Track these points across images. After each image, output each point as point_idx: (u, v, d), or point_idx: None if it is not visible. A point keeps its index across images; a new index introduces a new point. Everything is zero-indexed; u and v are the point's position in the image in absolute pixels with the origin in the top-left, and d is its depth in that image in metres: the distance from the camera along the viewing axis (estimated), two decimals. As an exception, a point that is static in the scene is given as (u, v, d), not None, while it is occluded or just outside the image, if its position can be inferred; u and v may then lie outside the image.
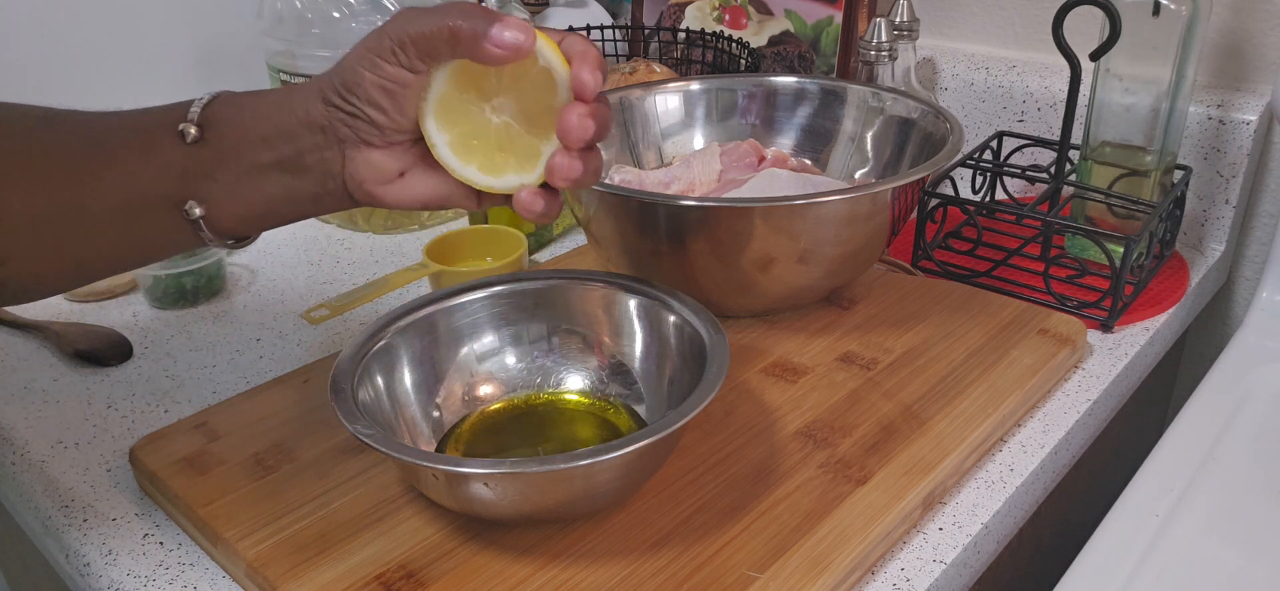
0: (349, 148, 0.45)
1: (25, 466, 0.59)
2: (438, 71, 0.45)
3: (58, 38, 0.91)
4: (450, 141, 0.45)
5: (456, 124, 0.45)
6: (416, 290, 0.75)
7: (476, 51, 0.43)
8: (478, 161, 0.46)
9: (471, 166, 0.46)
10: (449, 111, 0.45)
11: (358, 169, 0.46)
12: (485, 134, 0.46)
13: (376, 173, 0.46)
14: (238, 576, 0.49)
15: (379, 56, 0.43)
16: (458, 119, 0.45)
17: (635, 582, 0.46)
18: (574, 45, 0.45)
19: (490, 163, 0.46)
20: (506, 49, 0.43)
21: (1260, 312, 0.78)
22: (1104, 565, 0.54)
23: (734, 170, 0.77)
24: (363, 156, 0.46)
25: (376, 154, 0.46)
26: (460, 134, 0.46)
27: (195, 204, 0.45)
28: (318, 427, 0.58)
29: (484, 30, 0.42)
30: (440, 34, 0.43)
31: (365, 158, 0.46)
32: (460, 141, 0.46)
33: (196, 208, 0.46)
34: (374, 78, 0.44)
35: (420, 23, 0.43)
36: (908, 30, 0.88)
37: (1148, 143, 0.75)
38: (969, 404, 0.58)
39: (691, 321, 0.55)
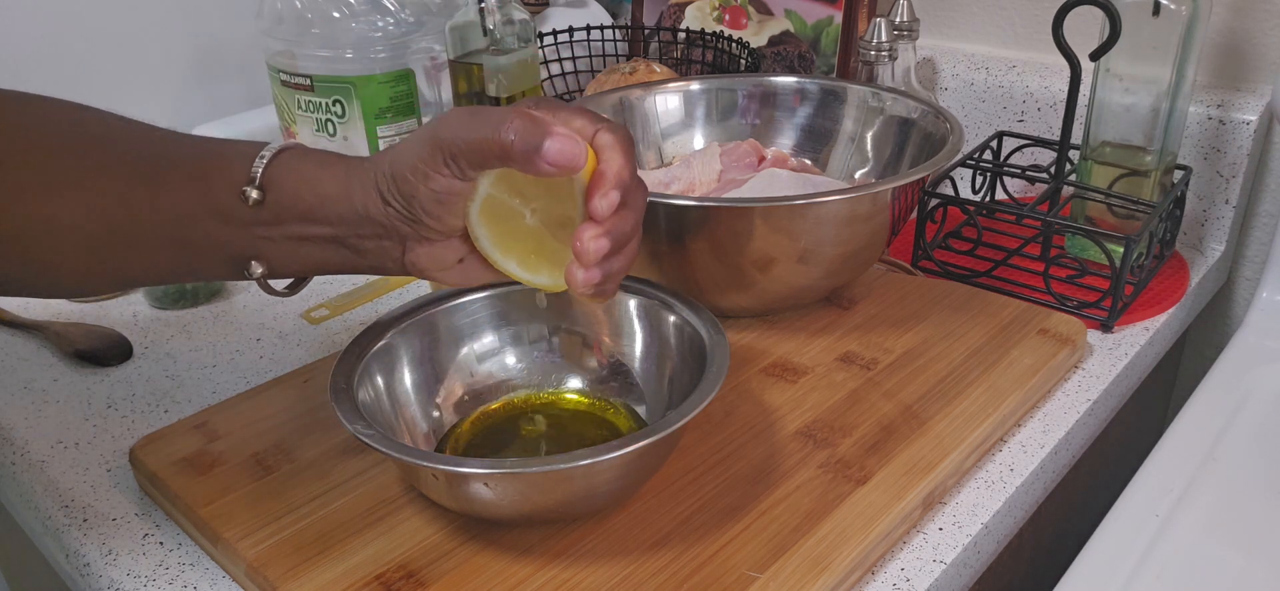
0: (409, 241, 0.46)
1: (25, 466, 0.59)
2: (484, 176, 0.45)
3: (58, 37, 0.91)
4: (491, 238, 0.46)
5: (498, 222, 0.46)
6: (416, 290, 0.75)
7: (528, 168, 0.43)
8: (516, 259, 0.47)
9: (511, 262, 0.47)
10: (491, 212, 0.46)
11: (418, 260, 0.47)
12: (522, 236, 0.47)
13: (437, 263, 0.47)
14: (238, 576, 0.49)
15: (431, 169, 0.43)
16: (499, 218, 0.46)
17: (635, 582, 0.46)
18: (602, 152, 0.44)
19: (526, 262, 0.47)
20: (557, 166, 0.42)
21: (1260, 312, 0.78)
22: (1104, 565, 0.54)
23: (734, 170, 0.77)
24: (423, 249, 0.47)
25: (436, 249, 0.47)
26: (501, 232, 0.47)
27: (257, 263, 0.46)
28: (318, 427, 0.58)
29: (536, 146, 0.42)
30: (492, 148, 0.42)
31: (425, 250, 0.47)
32: (500, 239, 0.47)
33: (258, 267, 0.46)
34: (426, 191, 0.44)
35: (472, 132, 0.43)
36: (908, 30, 0.88)
37: (1148, 143, 0.75)
38: (969, 404, 0.58)
39: (691, 321, 0.55)
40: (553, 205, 0.46)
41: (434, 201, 0.44)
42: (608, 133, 0.45)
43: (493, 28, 0.76)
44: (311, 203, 0.45)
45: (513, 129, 0.42)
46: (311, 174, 0.45)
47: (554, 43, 1.01)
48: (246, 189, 0.44)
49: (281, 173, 0.45)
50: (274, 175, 0.45)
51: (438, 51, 0.89)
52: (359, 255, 0.47)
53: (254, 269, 0.46)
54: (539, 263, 0.47)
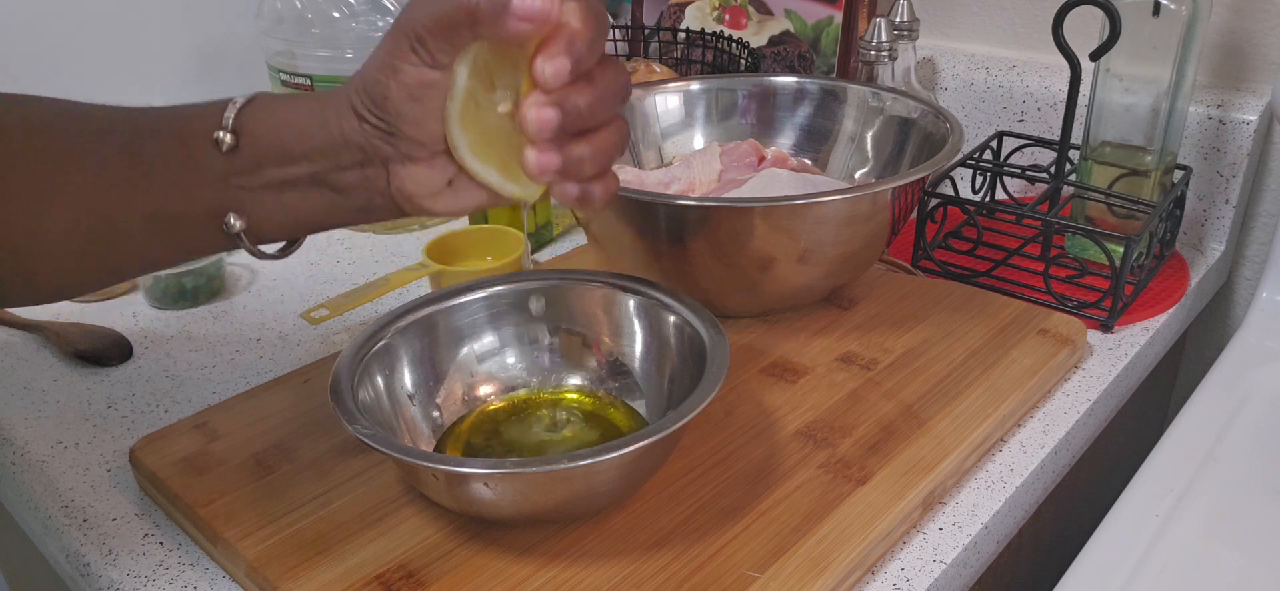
0: (392, 164, 0.44)
1: (25, 466, 0.59)
2: (460, 64, 0.41)
3: (58, 37, 0.91)
4: (469, 144, 0.42)
5: (474, 125, 0.42)
6: (416, 290, 0.75)
7: (499, 27, 0.39)
8: (495, 165, 0.43)
9: (490, 169, 0.43)
10: (468, 112, 0.42)
11: (404, 184, 0.44)
12: (497, 135, 0.43)
13: (423, 187, 0.44)
14: (238, 576, 0.49)
15: (398, 59, 0.41)
16: (475, 119, 0.42)
17: (635, 582, 0.46)
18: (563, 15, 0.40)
19: (506, 168, 0.43)
20: (528, 17, 0.39)
21: (1260, 312, 0.78)
22: (1104, 565, 0.54)
23: (734, 170, 0.77)
24: (408, 172, 0.44)
25: (421, 169, 0.44)
26: (479, 135, 0.43)
27: (235, 217, 0.44)
28: (318, 427, 0.58)
29: (504, 2, 0.39)
30: (459, 17, 0.39)
31: (410, 173, 0.44)
32: (478, 144, 0.43)
33: (237, 221, 0.44)
34: (398, 86, 0.41)
35: (435, 6, 0.40)
36: (908, 30, 0.88)
37: (1148, 143, 0.75)
38: (969, 404, 0.58)
39: (691, 321, 0.55)
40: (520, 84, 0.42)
41: (407, 98, 0.41)
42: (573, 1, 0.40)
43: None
44: (287, 138, 0.43)
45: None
46: (283, 112, 0.44)
47: (554, 43, 1.01)
48: (219, 134, 0.42)
49: (255, 115, 0.43)
50: (246, 120, 0.43)
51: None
52: (342, 194, 0.44)
53: (233, 223, 0.44)
54: (516, 168, 0.43)
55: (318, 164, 0.43)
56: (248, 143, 0.43)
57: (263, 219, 0.45)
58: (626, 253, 0.67)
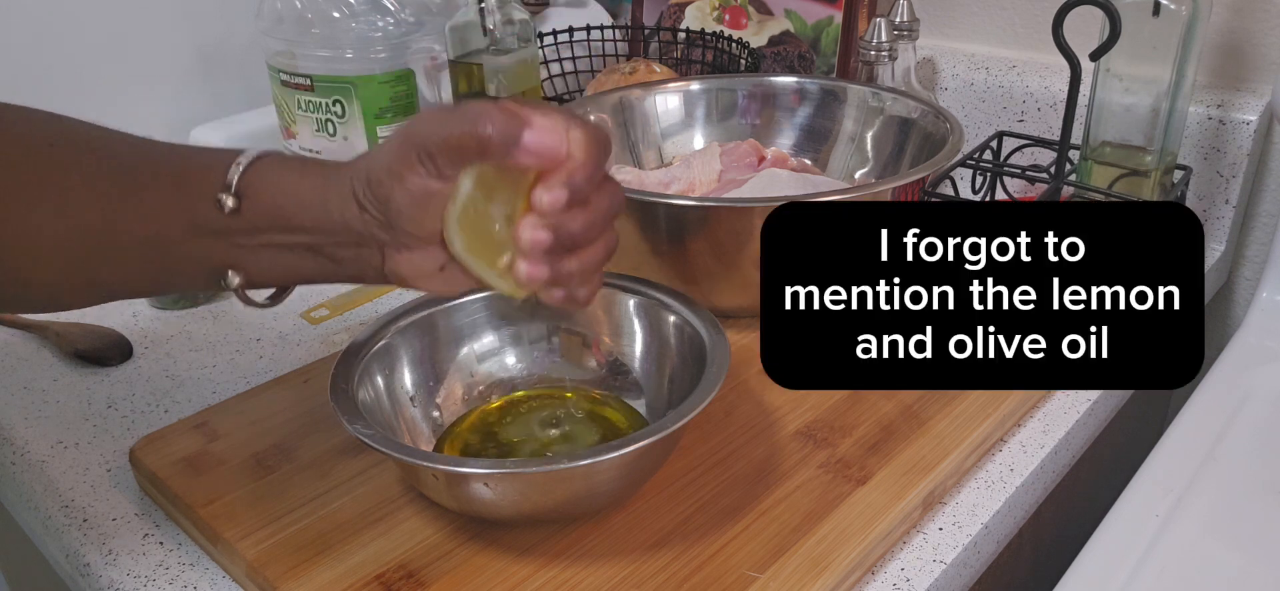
0: (388, 249, 0.45)
1: (25, 466, 0.59)
2: (465, 177, 0.43)
3: (58, 38, 0.91)
4: (465, 244, 0.44)
5: (470, 228, 0.44)
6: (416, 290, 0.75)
7: (506, 159, 0.41)
8: (489, 262, 0.45)
9: (484, 267, 0.45)
10: (466, 217, 0.44)
11: (398, 266, 0.45)
12: (498, 240, 0.44)
13: (417, 270, 0.45)
14: (238, 576, 0.49)
15: (406, 170, 0.42)
16: (472, 224, 0.44)
17: (635, 582, 0.46)
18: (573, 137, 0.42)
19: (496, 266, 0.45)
20: (537, 155, 0.41)
21: (1260, 312, 0.78)
22: (1104, 565, 0.54)
23: (734, 170, 0.77)
24: (402, 257, 0.45)
25: (416, 255, 0.45)
26: (475, 237, 0.44)
27: (233, 273, 0.45)
28: (318, 427, 0.58)
29: (515, 137, 0.41)
30: (469, 143, 0.41)
31: (405, 258, 0.45)
32: (474, 244, 0.45)
33: (235, 277, 0.45)
34: (402, 192, 0.42)
35: (447, 128, 0.41)
36: (908, 30, 0.88)
37: (1148, 143, 0.75)
38: (969, 404, 0.58)
39: (691, 321, 0.55)
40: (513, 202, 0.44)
41: (411, 203, 0.43)
42: (578, 129, 0.42)
43: (493, 28, 0.76)
44: (289, 210, 0.44)
45: (490, 121, 0.40)
46: (288, 182, 0.44)
47: (554, 43, 1.01)
48: (222, 196, 0.43)
49: (258, 180, 0.44)
50: (250, 182, 0.44)
51: (438, 51, 0.89)
52: (337, 264, 0.46)
53: (231, 279, 0.45)
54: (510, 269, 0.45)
55: (315, 238, 0.45)
56: (250, 207, 0.44)
57: (259, 274, 0.46)
58: (626, 253, 0.67)
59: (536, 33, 0.91)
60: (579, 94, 0.99)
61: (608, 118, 0.81)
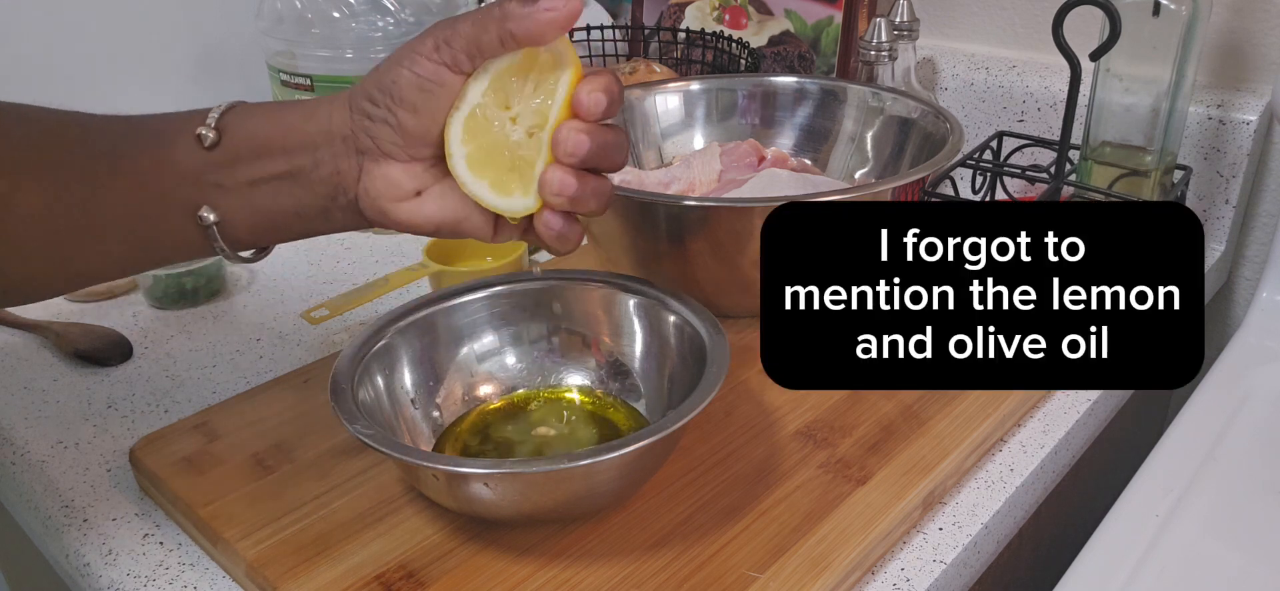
0: (367, 159, 0.45)
1: (25, 466, 0.59)
2: (475, 82, 0.44)
3: (59, 38, 0.91)
4: (468, 155, 0.44)
5: (477, 137, 0.44)
6: (416, 290, 0.75)
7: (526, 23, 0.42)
8: (489, 178, 0.45)
9: (483, 183, 0.45)
10: (475, 124, 0.44)
11: (373, 182, 0.45)
12: (501, 151, 0.45)
13: (391, 188, 0.45)
14: (238, 576, 0.49)
15: (419, 52, 0.43)
16: (480, 133, 0.44)
17: (635, 582, 0.46)
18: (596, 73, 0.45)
19: (500, 181, 0.45)
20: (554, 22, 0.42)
21: (1260, 312, 0.78)
22: (1104, 565, 0.54)
23: (734, 170, 0.77)
24: (380, 170, 0.45)
25: (394, 168, 0.45)
26: (479, 147, 0.44)
27: (208, 210, 0.45)
28: (318, 427, 0.58)
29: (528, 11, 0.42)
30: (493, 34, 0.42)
31: (382, 171, 0.45)
32: (477, 156, 0.45)
33: (210, 213, 0.45)
34: (412, 74, 0.43)
35: (471, 21, 0.43)
36: (908, 30, 0.88)
37: (1148, 143, 0.75)
38: (969, 404, 0.58)
39: (691, 321, 0.55)
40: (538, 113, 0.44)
41: (416, 88, 0.43)
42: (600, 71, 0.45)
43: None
44: (269, 130, 0.45)
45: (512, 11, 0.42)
46: (269, 109, 0.46)
47: (554, 43, 1.01)
48: (202, 130, 0.44)
49: (238, 116, 0.45)
50: (230, 119, 0.45)
51: (438, 51, 0.89)
52: (312, 189, 0.46)
53: (206, 216, 0.45)
54: (511, 184, 0.45)
55: (295, 158, 0.45)
56: (229, 141, 0.45)
57: (234, 210, 0.46)
58: (626, 253, 0.67)
59: (536, 33, 0.91)
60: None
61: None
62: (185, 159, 0.44)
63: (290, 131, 0.45)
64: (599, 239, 0.70)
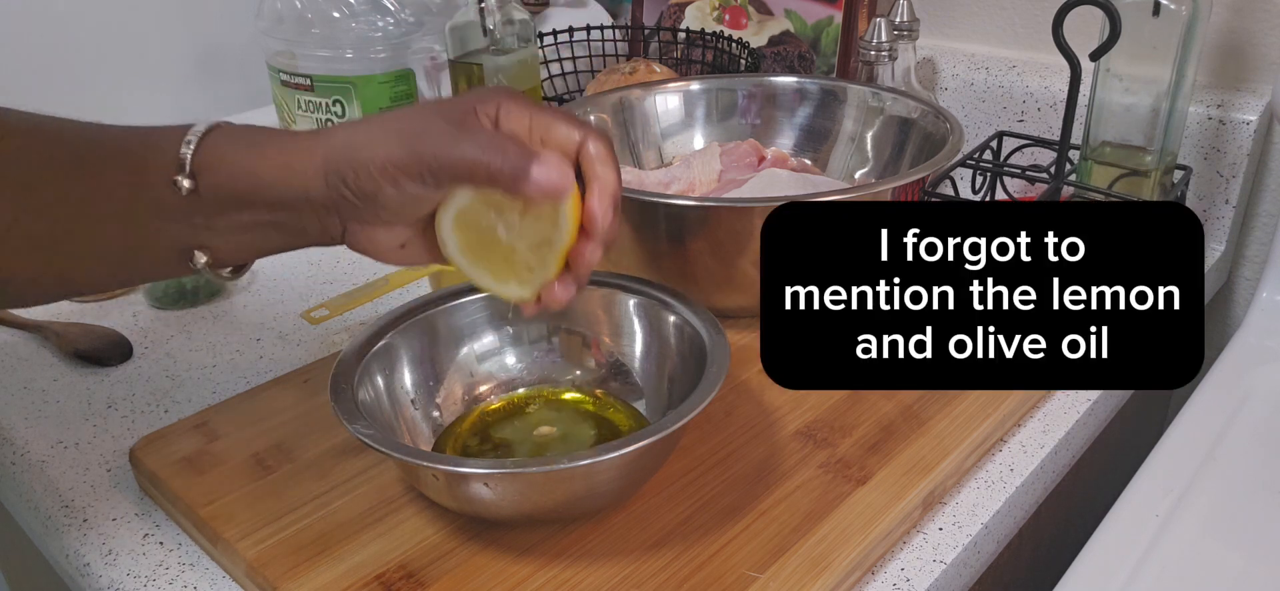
0: (350, 221, 0.45)
1: (25, 466, 0.59)
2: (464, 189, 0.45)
3: (59, 38, 0.91)
4: (461, 245, 0.46)
5: (470, 231, 0.46)
6: (416, 290, 0.75)
7: (513, 192, 0.43)
8: (487, 268, 0.47)
9: (480, 271, 0.47)
10: (465, 219, 0.46)
11: (358, 240, 0.46)
12: (494, 246, 0.46)
13: (376, 245, 0.47)
14: (238, 576, 0.49)
15: (404, 177, 0.42)
16: (472, 227, 0.46)
17: (635, 582, 0.46)
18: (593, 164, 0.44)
19: (497, 271, 0.47)
20: (543, 192, 0.43)
21: (1260, 313, 0.78)
22: (1104, 565, 0.54)
23: (734, 170, 0.77)
24: (365, 232, 0.46)
25: (379, 232, 0.46)
26: (472, 241, 0.46)
27: (201, 254, 0.45)
28: (318, 427, 0.58)
29: (522, 173, 0.42)
30: (477, 170, 0.42)
31: (367, 233, 0.46)
32: (471, 248, 0.46)
33: (203, 256, 0.45)
34: (394, 194, 0.43)
35: (457, 151, 0.42)
36: (908, 30, 0.88)
37: (1148, 143, 0.75)
38: (969, 404, 0.58)
39: (691, 321, 0.55)
40: (532, 227, 0.46)
41: (400, 204, 0.43)
42: (596, 143, 0.44)
43: (493, 28, 0.76)
44: (247, 189, 0.44)
45: (501, 155, 0.42)
46: (244, 160, 0.44)
47: (554, 43, 1.01)
48: (177, 178, 0.43)
49: (213, 157, 0.43)
50: (205, 161, 0.43)
51: (438, 51, 0.89)
52: (299, 235, 0.46)
53: (199, 260, 0.45)
54: (508, 274, 0.47)
55: (277, 214, 0.45)
56: (206, 186, 0.43)
57: (224, 251, 0.46)
58: (626, 253, 0.67)
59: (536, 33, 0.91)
60: (579, 94, 0.99)
61: (608, 118, 0.81)
62: (162, 197, 0.43)
63: (266, 190, 0.44)
64: (599, 239, 0.70)
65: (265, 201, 0.44)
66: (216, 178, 0.43)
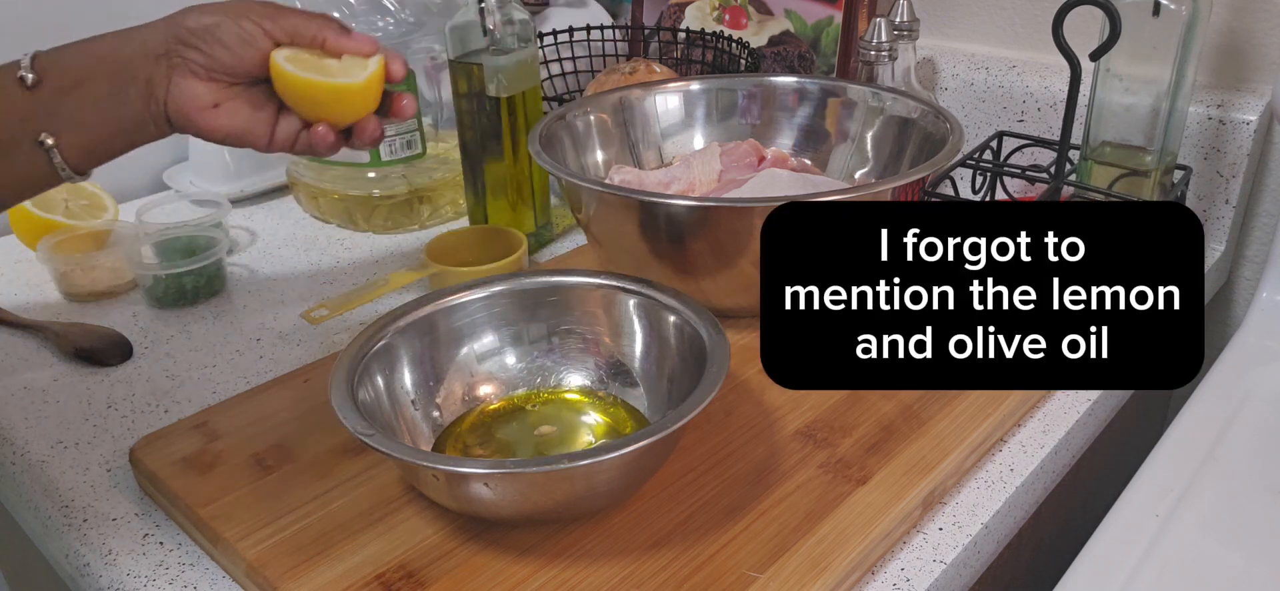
0: (175, 73, 0.54)
1: (25, 467, 0.59)
2: None
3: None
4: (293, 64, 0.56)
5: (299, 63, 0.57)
6: (416, 290, 0.75)
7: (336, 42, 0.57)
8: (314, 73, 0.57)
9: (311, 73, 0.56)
10: (294, 58, 0.57)
11: (180, 92, 0.55)
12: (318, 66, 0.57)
13: (194, 99, 0.55)
14: (238, 576, 0.49)
15: (247, 16, 0.55)
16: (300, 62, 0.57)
17: (635, 582, 0.46)
18: None
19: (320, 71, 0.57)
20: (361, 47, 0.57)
21: (1260, 313, 0.78)
22: (1104, 565, 0.54)
23: (734, 170, 0.77)
24: (186, 84, 0.55)
25: (198, 84, 0.55)
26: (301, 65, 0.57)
27: (46, 134, 0.53)
28: (318, 427, 0.58)
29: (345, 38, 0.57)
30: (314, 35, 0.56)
31: (188, 85, 0.55)
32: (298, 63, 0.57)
33: (48, 137, 0.53)
34: (237, 28, 0.54)
35: (299, 16, 0.56)
36: (908, 30, 0.88)
37: (1148, 143, 0.75)
38: (969, 404, 0.58)
39: (691, 321, 0.55)
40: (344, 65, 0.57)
41: (237, 38, 0.54)
42: None
43: (493, 28, 0.76)
44: (87, 63, 0.54)
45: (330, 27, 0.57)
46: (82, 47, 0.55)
47: (554, 43, 1.01)
48: (22, 73, 0.52)
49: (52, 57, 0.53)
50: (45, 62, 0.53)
51: (438, 51, 0.89)
52: (129, 104, 0.54)
53: (45, 139, 0.53)
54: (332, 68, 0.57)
55: (114, 80, 0.54)
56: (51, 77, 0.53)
57: (67, 135, 0.54)
58: (626, 253, 0.67)
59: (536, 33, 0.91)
60: (579, 94, 0.99)
61: (608, 118, 0.81)
62: (16, 99, 0.52)
63: (108, 56, 0.54)
64: (599, 239, 0.70)
65: (103, 70, 0.54)
66: (57, 66, 0.53)
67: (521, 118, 0.79)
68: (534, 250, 0.85)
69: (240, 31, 0.54)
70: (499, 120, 0.78)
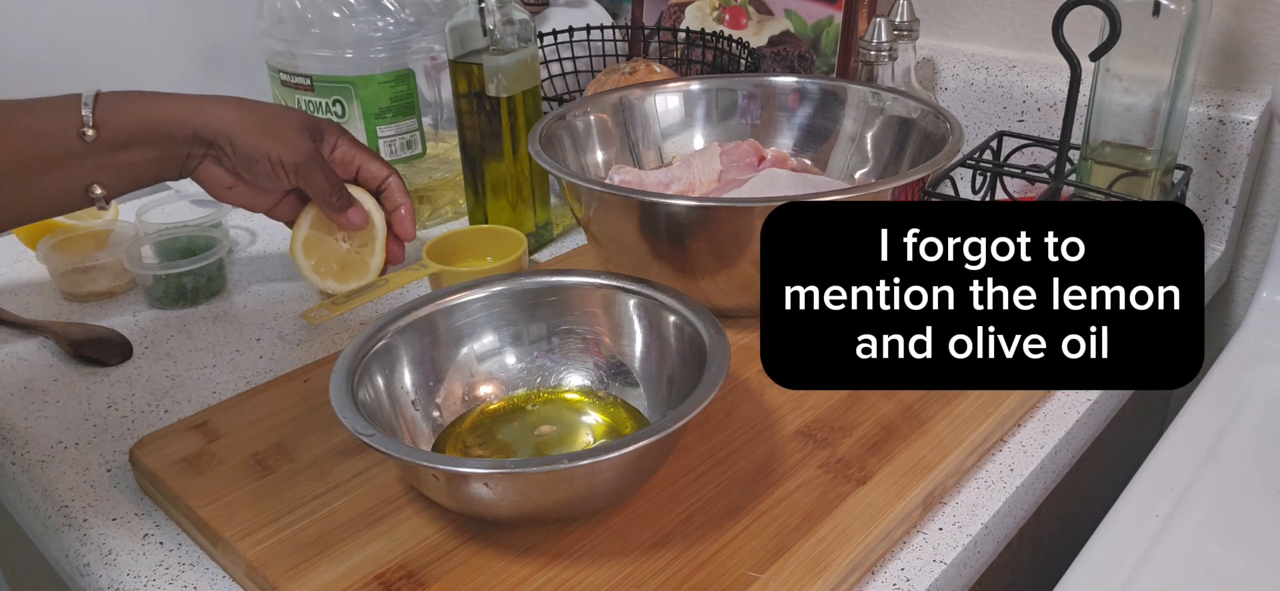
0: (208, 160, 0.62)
1: (25, 467, 0.59)
2: (304, 217, 0.68)
3: (58, 38, 0.91)
4: (314, 265, 0.68)
5: (315, 252, 0.68)
6: (416, 290, 0.75)
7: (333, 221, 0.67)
8: (331, 276, 0.68)
9: (328, 280, 0.68)
10: (310, 244, 0.68)
11: (206, 172, 0.63)
12: (334, 256, 0.69)
13: (216, 182, 0.63)
14: (238, 576, 0.49)
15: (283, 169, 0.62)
16: (316, 249, 0.68)
17: (635, 582, 0.46)
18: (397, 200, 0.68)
19: (338, 277, 0.69)
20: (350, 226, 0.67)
21: (1260, 313, 0.78)
22: (1104, 565, 0.54)
23: (734, 170, 0.77)
24: (214, 170, 0.63)
25: (223, 173, 0.63)
26: (319, 259, 0.68)
27: (97, 186, 0.58)
28: (318, 427, 0.58)
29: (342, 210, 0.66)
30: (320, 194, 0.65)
31: (215, 171, 0.63)
32: (320, 264, 0.68)
33: (99, 189, 0.58)
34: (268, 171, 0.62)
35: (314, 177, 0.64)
36: (908, 30, 0.88)
37: (1148, 143, 0.75)
38: (969, 404, 0.58)
39: (691, 321, 0.55)
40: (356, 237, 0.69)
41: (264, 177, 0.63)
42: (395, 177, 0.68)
43: (493, 28, 0.76)
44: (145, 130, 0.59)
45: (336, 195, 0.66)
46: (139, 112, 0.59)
47: (554, 43, 1.01)
48: (85, 131, 0.56)
49: (110, 113, 0.57)
50: (103, 116, 0.57)
51: (438, 51, 0.89)
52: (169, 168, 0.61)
53: (95, 191, 0.58)
54: (348, 275, 0.69)
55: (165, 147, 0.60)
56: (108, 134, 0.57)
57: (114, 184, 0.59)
58: (626, 253, 0.67)
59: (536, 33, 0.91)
60: (579, 94, 0.99)
61: (608, 118, 0.81)
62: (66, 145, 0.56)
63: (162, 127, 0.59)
64: (599, 239, 0.70)
65: (156, 137, 0.59)
66: (113, 122, 0.58)
67: (521, 118, 0.79)
68: (534, 250, 0.85)
69: (272, 173, 0.62)
70: (499, 120, 0.78)
